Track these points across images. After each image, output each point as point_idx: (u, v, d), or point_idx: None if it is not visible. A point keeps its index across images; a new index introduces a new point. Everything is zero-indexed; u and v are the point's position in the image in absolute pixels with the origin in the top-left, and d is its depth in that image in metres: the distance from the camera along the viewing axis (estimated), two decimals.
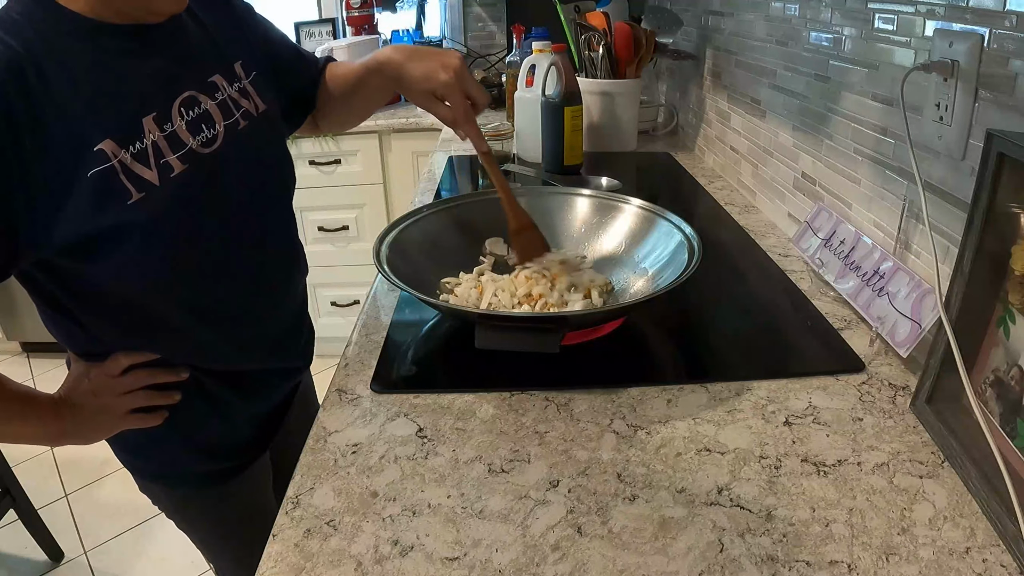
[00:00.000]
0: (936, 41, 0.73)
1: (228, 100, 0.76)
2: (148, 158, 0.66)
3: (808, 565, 0.52)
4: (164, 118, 0.68)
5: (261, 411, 0.89)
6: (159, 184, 0.66)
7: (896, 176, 0.85)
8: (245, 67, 0.81)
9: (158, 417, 0.78)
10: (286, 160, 0.88)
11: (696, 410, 0.70)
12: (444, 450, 0.66)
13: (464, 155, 1.68)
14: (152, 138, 0.66)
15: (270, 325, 0.86)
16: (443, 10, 2.68)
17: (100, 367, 0.75)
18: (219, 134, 0.74)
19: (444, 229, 0.97)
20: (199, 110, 0.72)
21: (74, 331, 0.74)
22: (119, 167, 0.63)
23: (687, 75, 1.75)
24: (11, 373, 0.73)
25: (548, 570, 0.53)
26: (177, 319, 0.74)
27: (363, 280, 2.45)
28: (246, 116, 0.78)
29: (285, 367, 0.91)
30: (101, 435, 0.78)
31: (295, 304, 0.91)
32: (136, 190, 0.64)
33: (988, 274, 0.60)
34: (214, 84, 0.75)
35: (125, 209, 0.64)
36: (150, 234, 0.67)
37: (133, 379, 0.75)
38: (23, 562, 1.82)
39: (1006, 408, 0.57)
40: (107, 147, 0.62)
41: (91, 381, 0.75)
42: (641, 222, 0.95)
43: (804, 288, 0.95)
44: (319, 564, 0.54)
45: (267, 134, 0.83)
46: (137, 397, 0.76)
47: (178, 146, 0.69)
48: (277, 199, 0.86)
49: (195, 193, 0.70)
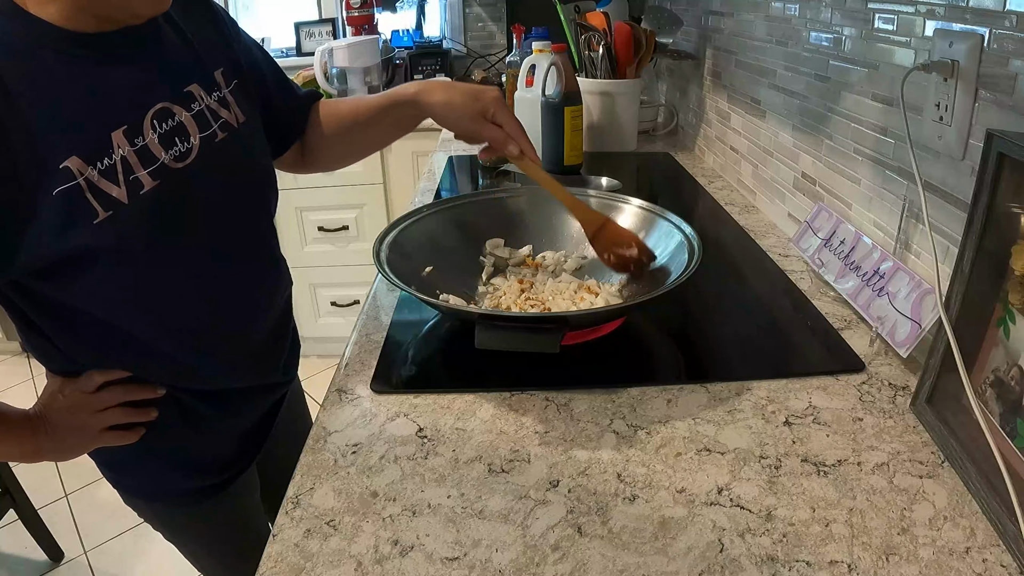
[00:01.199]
0: (936, 41, 0.73)
1: (206, 111, 0.73)
2: (117, 174, 0.62)
3: (808, 565, 0.52)
4: (135, 131, 0.65)
5: (242, 427, 0.88)
6: (127, 202, 0.63)
7: (896, 176, 0.85)
8: (226, 75, 0.78)
9: (135, 434, 0.77)
10: (267, 173, 0.85)
11: (696, 410, 0.70)
12: (444, 450, 0.66)
13: (464, 155, 1.68)
14: (121, 153, 0.63)
15: (247, 343, 0.83)
16: (443, 10, 2.68)
17: (74, 383, 0.73)
18: (194, 147, 0.70)
19: (444, 229, 0.97)
20: (172, 122, 0.69)
21: (49, 350, 0.73)
22: (85, 185, 0.60)
23: (687, 75, 1.75)
24: (11, 373, 0.74)
25: (548, 570, 0.53)
26: (150, 339, 0.72)
27: (363, 280, 2.45)
28: (224, 127, 0.75)
29: (265, 383, 0.89)
30: (78, 452, 0.76)
31: (275, 319, 0.87)
32: (103, 208, 0.61)
33: (988, 274, 0.60)
34: (190, 94, 0.72)
35: (91, 229, 0.61)
36: (118, 254, 0.64)
37: (108, 396, 0.74)
38: (23, 562, 1.82)
39: (1006, 408, 0.57)
40: (73, 164, 0.59)
41: (65, 398, 0.73)
42: (641, 222, 0.95)
43: (804, 288, 0.95)
44: (319, 564, 0.54)
45: (246, 146, 0.80)
46: (113, 414, 0.74)
47: (149, 161, 0.65)
48: (255, 214, 0.82)
49: (166, 210, 0.67)
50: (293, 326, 0.95)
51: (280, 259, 0.90)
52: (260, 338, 0.85)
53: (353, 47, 2.17)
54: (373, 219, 2.39)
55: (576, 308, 0.84)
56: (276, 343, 0.89)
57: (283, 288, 0.90)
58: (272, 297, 0.87)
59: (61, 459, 0.75)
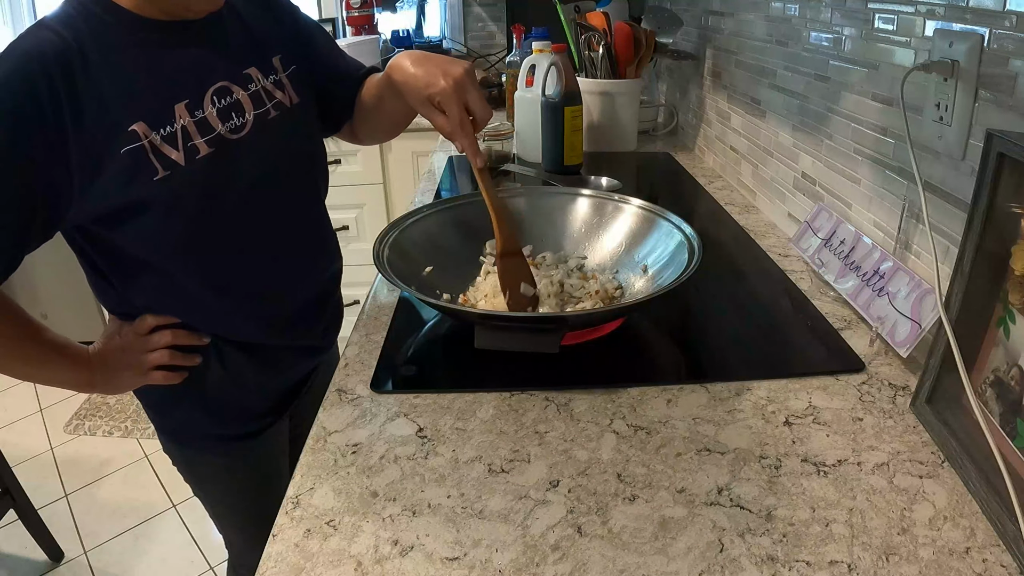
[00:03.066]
0: (936, 41, 0.73)
1: (261, 91, 0.81)
2: (177, 140, 0.72)
3: (808, 565, 0.52)
4: (196, 105, 0.74)
5: (277, 382, 0.94)
6: (184, 164, 0.73)
7: (896, 176, 0.85)
8: (284, 61, 0.86)
9: (178, 376, 0.85)
10: (316, 153, 0.93)
11: (696, 410, 0.70)
12: (444, 450, 0.66)
13: (464, 155, 1.68)
14: (182, 123, 0.73)
15: (288, 304, 0.90)
16: (443, 10, 2.68)
17: (130, 326, 0.82)
18: (248, 122, 0.79)
19: (444, 229, 0.97)
20: (231, 99, 0.78)
21: (108, 291, 0.82)
22: (148, 147, 0.70)
23: (687, 75, 1.75)
24: None
25: (548, 570, 0.53)
26: (196, 289, 0.81)
27: (363, 280, 2.44)
28: (278, 107, 0.83)
29: (301, 345, 0.95)
30: (125, 387, 0.86)
31: (318, 287, 0.95)
32: (162, 168, 0.71)
33: (988, 274, 0.60)
34: (248, 76, 0.80)
35: (151, 184, 0.71)
36: (171, 208, 0.73)
37: (158, 338, 0.82)
38: (23, 562, 1.82)
39: (1006, 408, 0.57)
40: (139, 128, 0.70)
41: (121, 338, 0.82)
42: (641, 222, 0.95)
43: (804, 288, 0.95)
44: (319, 564, 0.54)
45: (298, 126, 0.87)
46: (161, 355, 0.82)
47: (207, 131, 0.75)
48: (300, 188, 0.89)
49: (218, 174, 0.76)
50: (339, 297, 1.03)
51: (329, 236, 0.98)
52: (299, 302, 0.92)
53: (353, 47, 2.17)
54: (373, 219, 2.39)
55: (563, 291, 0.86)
56: (318, 309, 0.96)
57: (331, 258, 0.98)
58: (318, 264, 0.94)
59: (111, 392, 0.85)
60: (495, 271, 0.92)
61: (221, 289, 0.82)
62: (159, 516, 1.87)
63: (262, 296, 0.86)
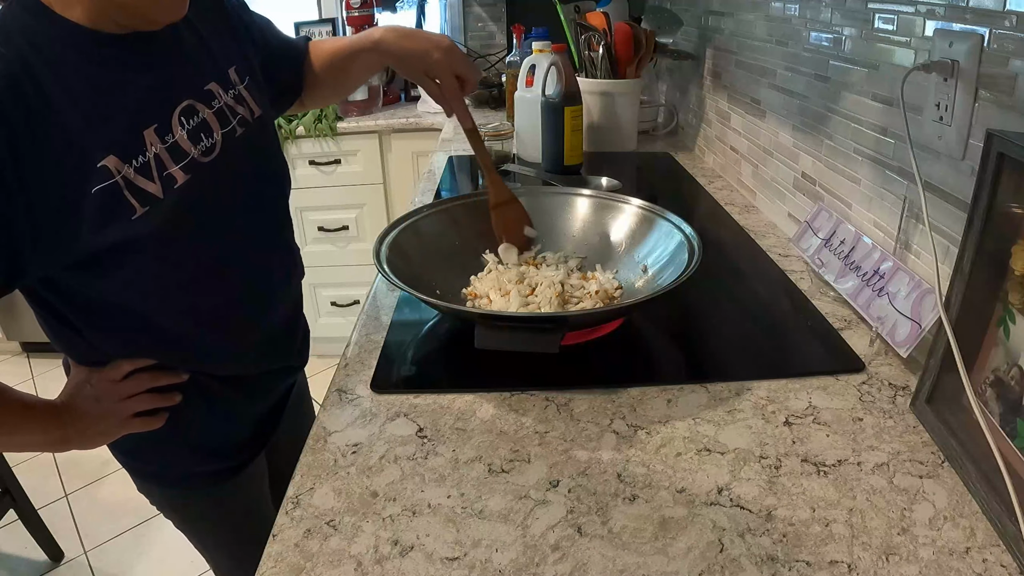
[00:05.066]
0: (936, 41, 0.73)
1: (224, 108, 0.76)
2: (151, 171, 0.66)
3: (808, 565, 0.52)
4: (164, 129, 0.68)
5: (260, 409, 0.91)
6: (162, 196, 0.66)
7: (896, 176, 0.85)
8: (239, 72, 0.81)
9: (159, 420, 0.78)
10: (281, 164, 0.89)
11: (696, 410, 0.70)
12: (444, 450, 0.66)
13: (464, 155, 1.68)
14: (154, 151, 0.66)
15: (267, 327, 0.86)
16: (443, 10, 2.68)
17: (102, 372, 0.75)
18: (217, 143, 0.74)
19: (444, 229, 0.97)
20: (198, 119, 0.72)
21: (75, 340, 0.74)
22: (123, 183, 0.63)
23: (687, 75, 1.75)
24: (11, 373, 0.74)
25: (548, 570, 0.53)
26: (177, 325, 0.75)
27: (363, 280, 2.45)
28: (242, 123, 0.79)
29: (281, 367, 0.92)
30: (104, 440, 0.78)
31: (291, 306, 0.93)
32: (140, 204, 0.64)
33: (988, 274, 0.60)
34: (210, 92, 0.75)
35: (129, 224, 0.64)
36: (152, 246, 0.67)
37: (135, 383, 0.75)
38: (23, 562, 1.82)
39: (1006, 408, 0.57)
40: (110, 163, 0.62)
41: (93, 387, 0.75)
42: (641, 222, 0.95)
43: (804, 288, 0.95)
44: (319, 564, 0.54)
45: (263, 139, 0.84)
46: (140, 401, 0.76)
47: (180, 156, 0.69)
48: (274, 203, 0.87)
49: (197, 202, 0.70)
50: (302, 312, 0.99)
51: (295, 247, 0.94)
52: (279, 322, 0.89)
53: None
54: (373, 219, 2.39)
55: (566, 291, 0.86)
56: (292, 327, 0.94)
57: (299, 273, 0.95)
58: (291, 282, 0.92)
59: (87, 447, 0.76)
60: (498, 270, 0.92)
61: (202, 322, 0.77)
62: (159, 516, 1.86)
63: (242, 324, 0.82)
